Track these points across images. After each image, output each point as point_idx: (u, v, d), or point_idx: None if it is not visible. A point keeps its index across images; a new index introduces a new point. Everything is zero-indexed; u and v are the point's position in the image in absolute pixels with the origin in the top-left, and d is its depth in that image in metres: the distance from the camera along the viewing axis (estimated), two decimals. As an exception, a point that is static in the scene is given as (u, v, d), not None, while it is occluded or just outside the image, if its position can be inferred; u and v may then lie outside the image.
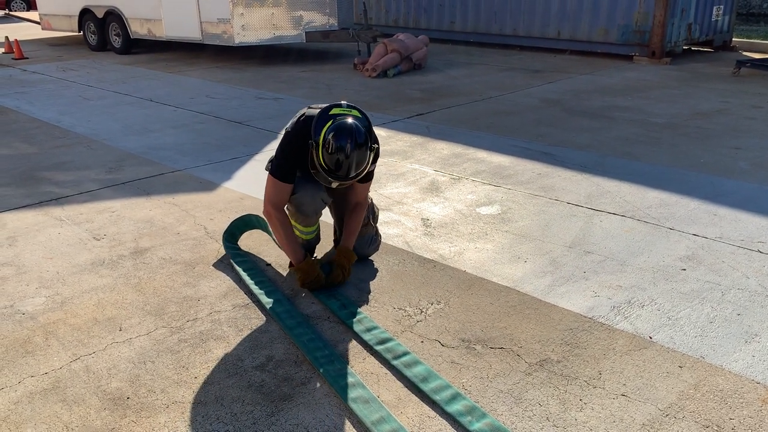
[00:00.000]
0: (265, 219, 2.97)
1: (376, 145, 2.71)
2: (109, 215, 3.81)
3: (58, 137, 5.64)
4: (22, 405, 2.17)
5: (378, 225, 3.29)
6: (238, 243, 3.36)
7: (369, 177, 2.94)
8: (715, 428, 2.02)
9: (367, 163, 2.67)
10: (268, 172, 2.88)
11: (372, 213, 3.19)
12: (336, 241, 3.30)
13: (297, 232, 3.01)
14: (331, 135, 2.55)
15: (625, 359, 2.38)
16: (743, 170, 4.52)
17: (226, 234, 3.34)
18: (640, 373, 2.30)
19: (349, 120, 2.60)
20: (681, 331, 2.55)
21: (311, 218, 2.97)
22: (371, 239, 3.17)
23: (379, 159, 2.95)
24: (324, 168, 2.62)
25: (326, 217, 3.32)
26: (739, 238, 3.39)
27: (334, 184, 2.72)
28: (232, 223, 3.39)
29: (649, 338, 2.50)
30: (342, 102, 2.76)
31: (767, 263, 3.10)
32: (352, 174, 2.62)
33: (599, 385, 2.24)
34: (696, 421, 2.05)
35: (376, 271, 3.10)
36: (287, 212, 2.95)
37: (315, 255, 3.24)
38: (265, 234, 3.43)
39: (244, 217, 3.43)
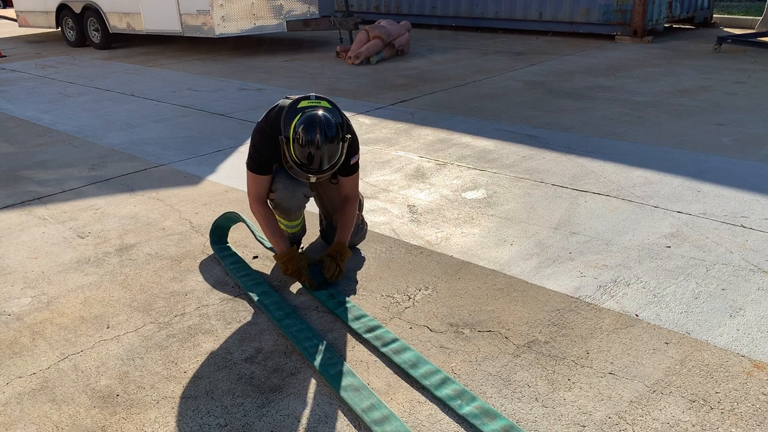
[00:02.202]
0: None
1: (349, 136, 2.64)
2: (93, 213, 3.78)
3: (39, 135, 5.57)
4: (10, 406, 2.16)
5: (364, 213, 3.29)
6: (226, 237, 3.34)
7: (354, 169, 2.91)
8: (702, 402, 2.05)
9: (341, 154, 2.62)
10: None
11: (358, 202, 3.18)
12: (322, 231, 3.29)
13: (282, 226, 3.00)
14: (300, 128, 2.50)
15: (612, 338, 2.40)
16: (726, 146, 4.55)
17: (213, 228, 3.32)
18: (627, 350, 2.32)
19: (319, 112, 2.55)
20: (667, 308, 2.57)
21: (294, 213, 2.95)
22: (357, 228, 3.16)
23: (363, 147, 2.93)
24: (296, 162, 2.57)
25: (312, 207, 3.31)
26: (723, 213, 3.42)
27: (312, 179, 2.64)
28: (217, 218, 3.37)
29: (635, 316, 2.53)
30: (311, 94, 2.72)
31: (750, 238, 3.13)
32: (326, 167, 2.57)
33: (587, 364, 2.26)
34: (683, 396, 2.07)
35: (364, 259, 3.10)
36: (270, 207, 2.94)
37: (302, 246, 3.24)
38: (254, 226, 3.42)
39: (230, 214, 3.40)
